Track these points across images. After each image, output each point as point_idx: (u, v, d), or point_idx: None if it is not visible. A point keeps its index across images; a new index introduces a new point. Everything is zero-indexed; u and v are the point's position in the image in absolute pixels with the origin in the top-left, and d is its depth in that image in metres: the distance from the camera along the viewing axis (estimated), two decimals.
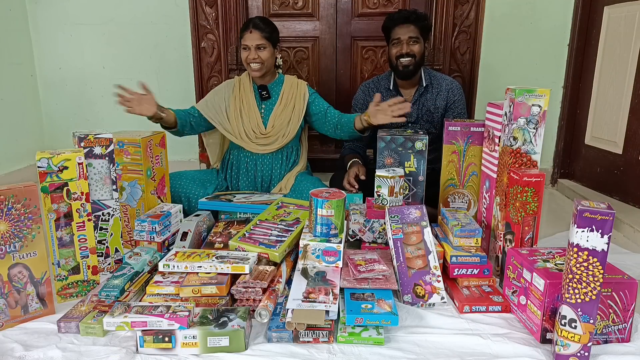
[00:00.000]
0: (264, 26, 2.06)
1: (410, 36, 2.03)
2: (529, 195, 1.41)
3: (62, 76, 2.85)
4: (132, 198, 1.76)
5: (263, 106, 2.16)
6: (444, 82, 2.15)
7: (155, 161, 1.79)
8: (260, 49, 2.04)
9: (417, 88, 2.16)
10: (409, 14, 2.05)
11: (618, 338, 1.21)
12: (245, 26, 2.08)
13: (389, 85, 2.19)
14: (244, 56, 2.07)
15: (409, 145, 1.75)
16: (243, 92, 2.17)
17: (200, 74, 2.77)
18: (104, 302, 1.32)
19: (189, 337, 1.15)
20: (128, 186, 1.75)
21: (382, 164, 1.78)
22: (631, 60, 2.21)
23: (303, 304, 1.21)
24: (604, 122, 2.44)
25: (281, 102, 2.14)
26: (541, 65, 2.68)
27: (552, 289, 1.16)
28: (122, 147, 1.71)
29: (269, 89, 2.16)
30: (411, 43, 2.04)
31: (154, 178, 1.79)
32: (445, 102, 2.14)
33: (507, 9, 2.61)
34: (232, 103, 2.15)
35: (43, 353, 1.15)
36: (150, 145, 1.76)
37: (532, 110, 1.44)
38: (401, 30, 2.04)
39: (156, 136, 1.81)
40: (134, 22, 2.75)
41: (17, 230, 1.27)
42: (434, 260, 1.43)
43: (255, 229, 1.58)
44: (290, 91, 2.16)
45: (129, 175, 1.74)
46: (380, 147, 1.79)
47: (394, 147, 1.77)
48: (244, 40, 2.05)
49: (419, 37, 2.05)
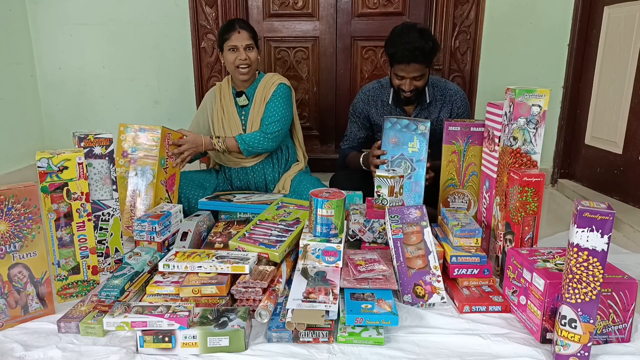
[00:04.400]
0: (249, 27, 2.00)
1: (414, 76, 1.86)
2: (529, 195, 1.41)
3: (62, 76, 2.85)
4: (141, 181, 1.79)
5: (243, 113, 2.10)
6: (447, 93, 2.02)
7: (169, 155, 1.87)
8: (248, 49, 1.97)
9: (419, 104, 2.04)
10: (415, 53, 1.79)
11: (618, 338, 1.21)
12: (230, 27, 1.98)
13: (389, 98, 2.05)
14: (232, 58, 1.96)
15: (412, 127, 1.83)
16: (224, 101, 2.11)
17: (200, 74, 2.77)
18: (104, 302, 1.32)
19: (189, 337, 1.15)
20: (140, 170, 1.79)
21: (387, 141, 1.86)
22: (631, 60, 2.21)
23: (303, 304, 1.21)
24: (604, 122, 2.44)
25: (255, 104, 2.06)
26: (541, 65, 2.68)
27: (552, 289, 1.16)
28: (144, 132, 1.80)
29: (246, 94, 2.07)
30: (416, 79, 1.88)
31: (166, 170, 1.85)
32: (449, 114, 2.03)
33: (507, 9, 2.61)
34: (215, 116, 2.10)
35: (43, 353, 1.15)
36: (168, 138, 1.84)
37: (532, 110, 1.44)
38: (405, 70, 1.85)
39: (175, 134, 1.89)
40: (134, 22, 2.75)
41: (17, 230, 1.27)
42: (434, 260, 1.43)
43: (255, 229, 1.58)
44: (264, 91, 2.05)
45: (144, 160, 1.80)
46: (386, 128, 1.86)
47: (399, 127, 1.85)
48: (231, 42, 1.95)
49: (424, 73, 1.89)
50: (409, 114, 2.07)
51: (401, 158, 1.84)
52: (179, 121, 2.85)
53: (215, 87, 2.18)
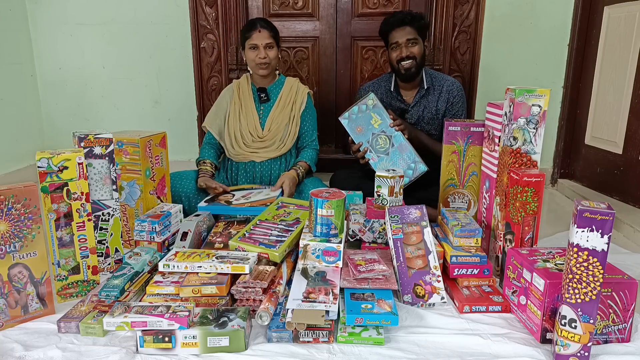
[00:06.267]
0: (270, 26, 2.08)
1: (408, 38, 2.02)
2: (529, 195, 1.41)
3: (62, 76, 2.85)
4: (130, 198, 1.76)
5: (262, 108, 2.16)
6: (445, 83, 2.14)
7: (155, 161, 1.79)
8: (268, 48, 2.05)
9: (418, 90, 2.16)
10: (404, 16, 2.04)
11: (618, 338, 1.21)
12: (252, 26, 2.07)
13: (390, 86, 2.18)
14: (252, 56, 2.06)
15: (363, 108, 1.97)
16: (242, 96, 2.18)
17: (200, 74, 2.77)
18: (104, 302, 1.32)
19: (189, 337, 1.15)
20: (127, 186, 1.75)
21: (354, 134, 1.98)
22: (631, 60, 2.21)
23: (303, 304, 1.21)
24: (604, 122, 2.44)
25: (279, 104, 2.15)
26: (541, 65, 2.68)
27: (552, 289, 1.16)
28: (121, 147, 1.71)
29: (268, 91, 2.16)
30: (410, 45, 2.03)
31: (154, 178, 1.79)
32: (446, 103, 2.13)
33: (507, 9, 2.61)
34: (232, 108, 2.16)
35: (43, 353, 1.15)
36: (149, 146, 1.76)
37: (532, 110, 1.44)
38: (398, 34, 2.03)
39: (156, 136, 1.80)
40: (134, 22, 2.75)
41: (17, 230, 1.27)
42: (434, 260, 1.43)
43: (255, 229, 1.58)
44: (289, 95, 2.16)
45: (128, 175, 1.74)
46: (345, 125, 1.99)
47: (354, 117, 1.98)
48: (252, 40, 2.05)
49: (417, 38, 2.04)
50: (408, 101, 2.17)
51: (374, 136, 1.97)
52: (179, 121, 2.86)
53: (233, 83, 2.24)
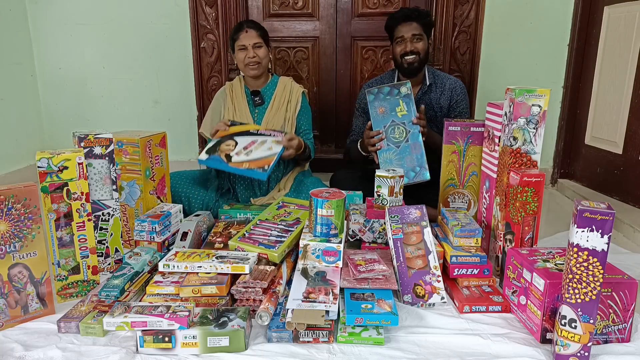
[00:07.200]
0: (257, 25, 2.08)
1: (413, 34, 2.03)
2: (529, 195, 1.41)
3: (62, 76, 2.85)
4: (130, 198, 1.76)
5: (256, 111, 2.14)
6: (447, 81, 2.15)
7: (155, 161, 1.79)
8: (257, 47, 2.05)
9: (421, 87, 2.16)
10: (410, 12, 2.06)
11: (618, 338, 1.21)
12: (239, 27, 2.08)
13: (393, 82, 2.17)
14: (241, 57, 2.06)
15: (395, 92, 1.89)
16: (235, 99, 2.15)
17: (200, 74, 2.77)
18: (104, 302, 1.32)
19: (189, 337, 1.15)
20: (127, 186, 1.75)
21: (374, 111, 1.89)
22: (631, 60, 2.21)
23: (303, 304, 1.21)
24: (604, 122, 2.44)
25: (273, 105, 2.12)
26: (541, 65, 2.68)
27: (552, 289, 1.16)
28: (121, 147, 1.71)
29: (262, 93, 2.14)
30: (415, 40, 2.04)
31: (153, 178, 1.79)
32: (448, 101, 2.13)
33: (507, 9, 2.61)
34: (226, 114, 2.14)
35: (43, 353, 1.15)
36: (149, 145, 1.76)
37: (532, 110, 1.44)
38: (404, 28, 2.04)
39: (156, 136, 1.80)
40: (134, 22, 2.75)
41: (17, 230, 1.27)
42: (434, 260, 1.43)
43: (255, 229, 1.58)
44: (283, 94, 2.14)
45: (128, 175, 1.74)
46: (370, 101, 1.90)
47: (382, 97, 1.90)
48: (240, 41, 2.05)
49: (422, 34, 2.05)
50: None
51: (393, 125, 1.88)
52: (179, 121, 2.86)
53: (226, 86, 2.22)
